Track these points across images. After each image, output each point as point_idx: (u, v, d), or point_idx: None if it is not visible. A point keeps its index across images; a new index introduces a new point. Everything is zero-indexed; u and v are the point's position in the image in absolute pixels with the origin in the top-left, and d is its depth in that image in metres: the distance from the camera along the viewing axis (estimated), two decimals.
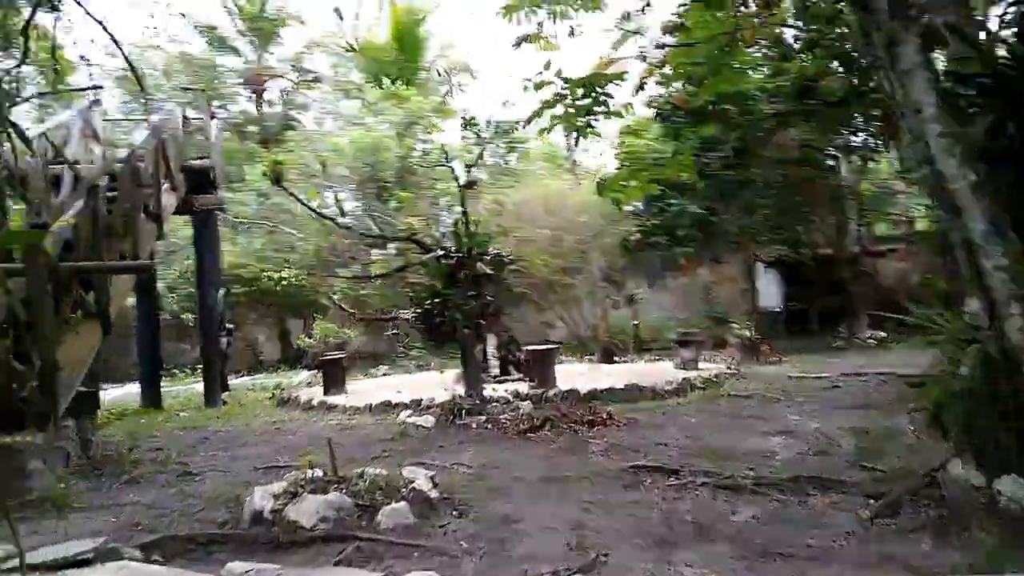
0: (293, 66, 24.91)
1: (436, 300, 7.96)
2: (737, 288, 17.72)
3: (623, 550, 3.81)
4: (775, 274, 18.19)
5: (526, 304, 19.26)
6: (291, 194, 9.88)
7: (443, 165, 9.00)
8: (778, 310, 18.06)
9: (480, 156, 8.67)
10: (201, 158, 11.68)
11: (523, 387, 10.26)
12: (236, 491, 5.11)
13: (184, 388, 14.17)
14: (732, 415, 8.00)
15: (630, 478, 5.34)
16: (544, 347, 10.54)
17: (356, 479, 4.65)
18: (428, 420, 7.82)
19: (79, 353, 6.42)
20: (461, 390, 8.68)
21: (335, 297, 14.32)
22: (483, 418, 7.75)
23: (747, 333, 14.64)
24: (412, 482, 4.76)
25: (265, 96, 24.34)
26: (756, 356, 14.04)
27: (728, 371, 11.75)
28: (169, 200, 10.41)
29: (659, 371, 12.48)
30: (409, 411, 8.38)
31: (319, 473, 4.75)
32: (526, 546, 4.00)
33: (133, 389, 12.76)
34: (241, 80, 24.13)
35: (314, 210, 9.91)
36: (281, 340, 20.47)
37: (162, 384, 12.62)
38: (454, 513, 4.62)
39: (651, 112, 12.83)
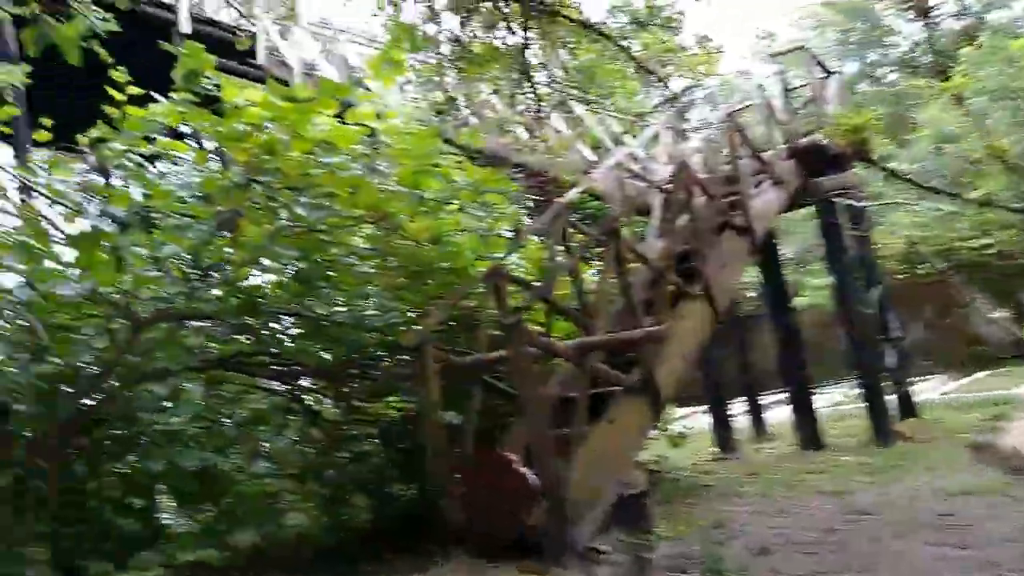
0: None
1: None
2: None
3: None
4: None
5: None
6: (884, 169, 6.58)
7: None
8: None
9: None
10: (808, 133, 9.26)
11: None
12: None
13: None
14: None
15: None
16: None
17: None
18: None
19: (615, 446, 5.14)
20: None
21: None
22: None
23: None
24: None
25: (932, 14, 19.45)
26: None
27: None
28: (771, 199, 8.42)
29: None
30: None
31: None
32: None
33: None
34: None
35: (918, 183, 6.28)
36: (1019, 323, 15.46)
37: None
38: None
39: None
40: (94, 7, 5.31)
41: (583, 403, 4.92)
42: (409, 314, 6.41)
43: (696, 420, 11.71)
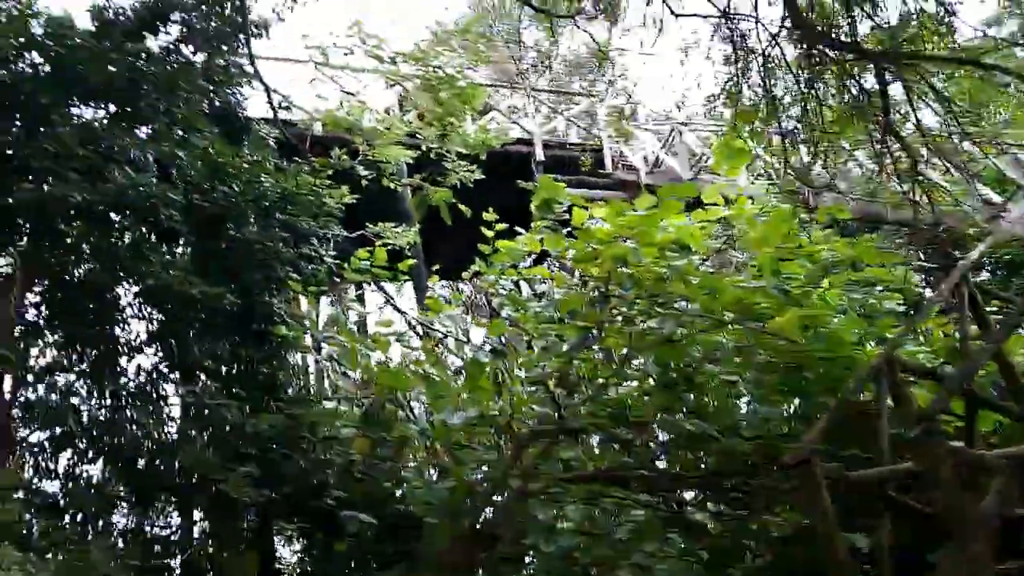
0: None
1: None
2: None
3: None
4: None
5: None
6: None
7: None
8: None
9: None
10: None
11: None
12: None
13: None
14: None
15: None
16: None
17: None
18: None
19: None
20: None
21: None
22: None
23: None
24: None
25: None
26: None
27: None
28: None
29: None
30: None
31: None
32: None
33: None
34: None
35: None
36: None
37: None
38: None
39: None
40: (461, 161, 6.21)
41: None
42: (786, 414, 5.77)
43: None
